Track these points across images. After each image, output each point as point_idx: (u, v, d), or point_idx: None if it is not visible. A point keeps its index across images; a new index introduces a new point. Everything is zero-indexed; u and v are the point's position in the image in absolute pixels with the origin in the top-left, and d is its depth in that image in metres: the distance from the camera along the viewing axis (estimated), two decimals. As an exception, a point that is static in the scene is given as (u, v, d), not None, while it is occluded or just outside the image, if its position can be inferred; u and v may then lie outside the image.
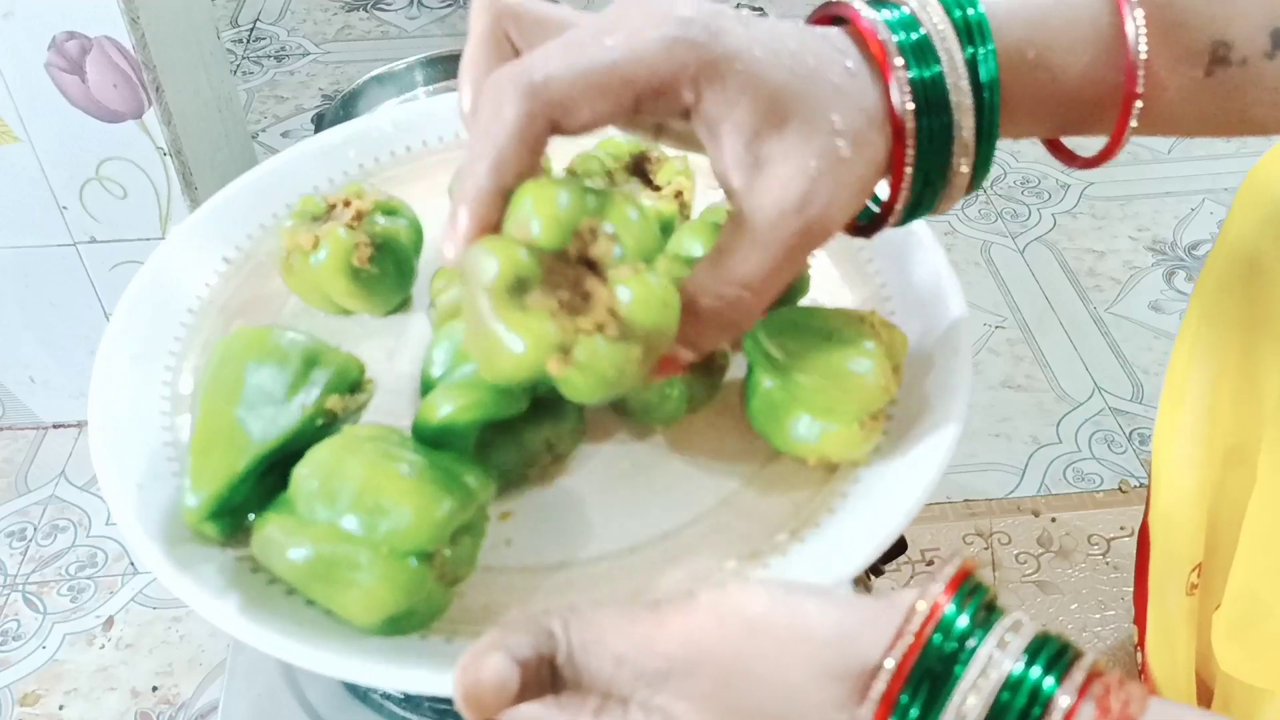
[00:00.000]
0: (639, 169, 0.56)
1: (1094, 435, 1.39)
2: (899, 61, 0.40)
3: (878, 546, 0.41)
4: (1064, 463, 1.36)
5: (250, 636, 0.38)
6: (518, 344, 0.35)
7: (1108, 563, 1.24)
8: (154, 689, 1.18)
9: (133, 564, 1.30)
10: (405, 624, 0.39)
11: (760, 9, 1.68)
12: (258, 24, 2.23)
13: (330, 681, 0.69)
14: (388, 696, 0.67)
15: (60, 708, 1.17)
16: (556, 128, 0.38)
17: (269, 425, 0.42)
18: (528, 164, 0.38)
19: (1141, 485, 1.33)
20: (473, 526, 0.41)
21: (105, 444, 0.44)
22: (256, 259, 0.54)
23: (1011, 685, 0.30)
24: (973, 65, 0.41)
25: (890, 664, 0.31)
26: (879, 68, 0.40)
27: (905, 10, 0.41)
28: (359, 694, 0.68)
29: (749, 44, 0.39)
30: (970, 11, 0.41)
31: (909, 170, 0.41)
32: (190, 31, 1.29)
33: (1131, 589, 1.20)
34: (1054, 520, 1.29)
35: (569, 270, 0.37)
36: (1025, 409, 1.42)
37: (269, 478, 0.42)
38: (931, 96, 0.40)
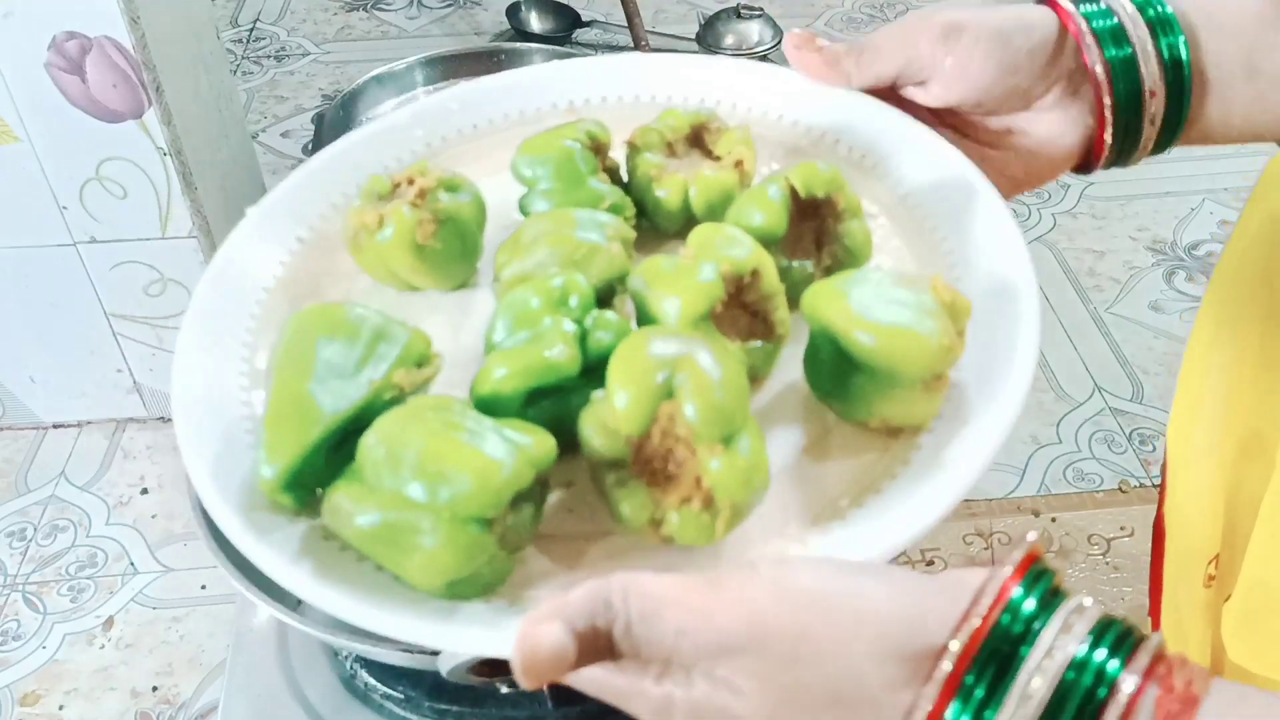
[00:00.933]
0: (699, 140, 0.56)
1: (1094, 435, 1.39)
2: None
3: (940, 513, 0.41)
4: (1064, 463, 1.36)
5: (324, 602, 0.40)
6: (621, 514, 0.41)
7: (1108, 563, 1.24)
8: (154, 689, 1.18)
9: (133, 564, 1.30)
10: (468, 588, 0.40)
11: (759, 10, 1.68)
12: (258, 24, 2.24)
13: (330, 682, 0.69)
14: (388, 697, 0.67)
15: (60, 708, 1.17)
16: None
17: (338, 399, 0.43)
18: None
19: (1141, 485, 1.33)
20: (534, 494, 0.42)
21: (186, 418, 0.46)
22: (329, 238, 0.55)
23: (1076, 666, 0.31)
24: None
25: (956, 645, 0.31)
26: None
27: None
28: (359, 694, 0.68)
29: None
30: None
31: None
32: (190, 31, 1.29)
33: (1130, 589, 1.21)
34: (1054, 520, 1.29)
35: (662, 443, 0.40)
36: (1025, 409, 1.42)
37: (340, 450, 0.43)
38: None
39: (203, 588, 1.27)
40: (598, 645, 0.34)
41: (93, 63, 1.15)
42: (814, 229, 0.52)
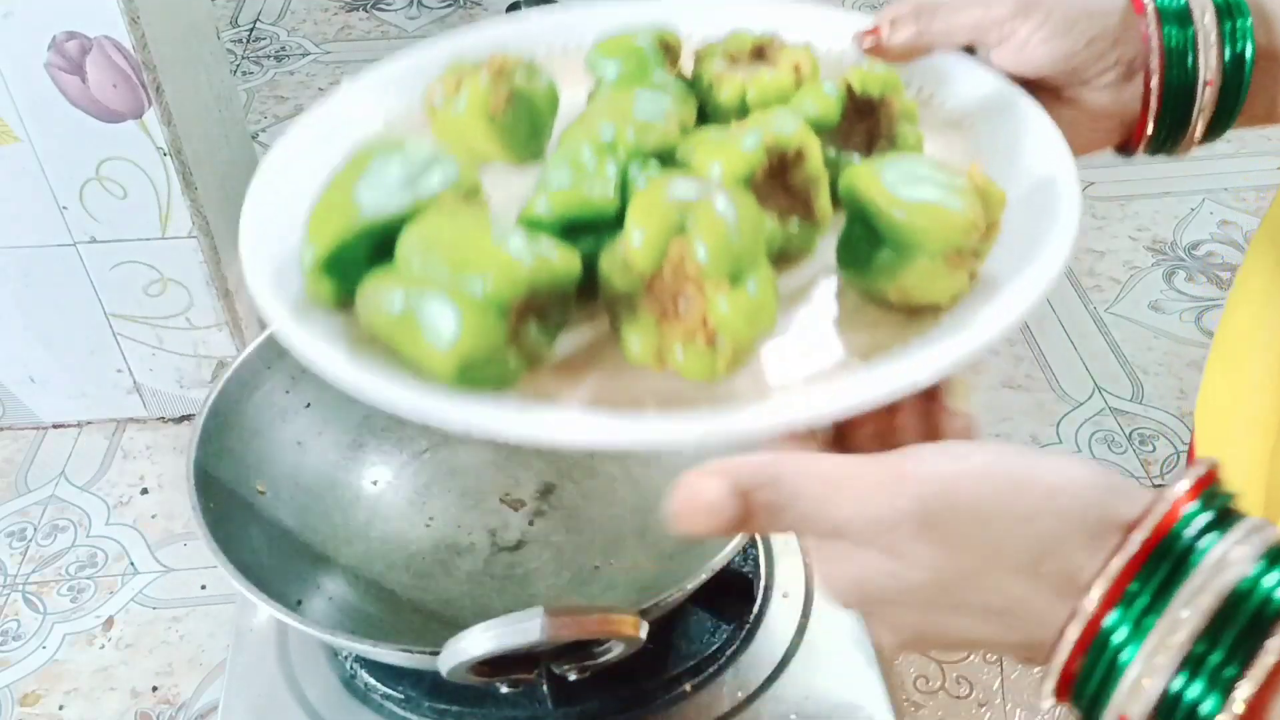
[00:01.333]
0: (761, 55, 0.59)
1: (1094, 435, 1.39)
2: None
3: (951, 364, 0.42)
4: (1064, 463, 1.36)
5: (352, 382, 0.42)
6: (629, 348, 0.43)
7: (1108, 563, 1.25)
8: (154, 689, 1.18)
9: (133, 564, 1.30)
10: (481, 379, 0.43)
11: None
12: (258, 24, 2.24)
13: (330, 682, 0.69)
14: (388, 697, 0.67)
15: (60, 708, 1.17)
16: None
17: (383, 204, 0.46)
18: None
19: (1141, 485, 1.33)
20: (554, 312, 0.45)
21: (250, 236, 0.49)
22: (410, 124, 0.59)
23: (1247, 583, 0.31)
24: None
25: (1138, 537, 0.32)
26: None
27: None
28: (359, 694, 0.68)
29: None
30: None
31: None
32: (190, 31, 1.29)
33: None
34: (1054, 520, 1.29)
35: (674, 280, 0.42)
36: (1025, 409, 1.42)
37: (383, 257, 0.46)
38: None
39: (203, 588, 1.27)
40: (752, 513, 0.36)
41: (93, 63, 1.15)
42: (867, 129, 0.54)
